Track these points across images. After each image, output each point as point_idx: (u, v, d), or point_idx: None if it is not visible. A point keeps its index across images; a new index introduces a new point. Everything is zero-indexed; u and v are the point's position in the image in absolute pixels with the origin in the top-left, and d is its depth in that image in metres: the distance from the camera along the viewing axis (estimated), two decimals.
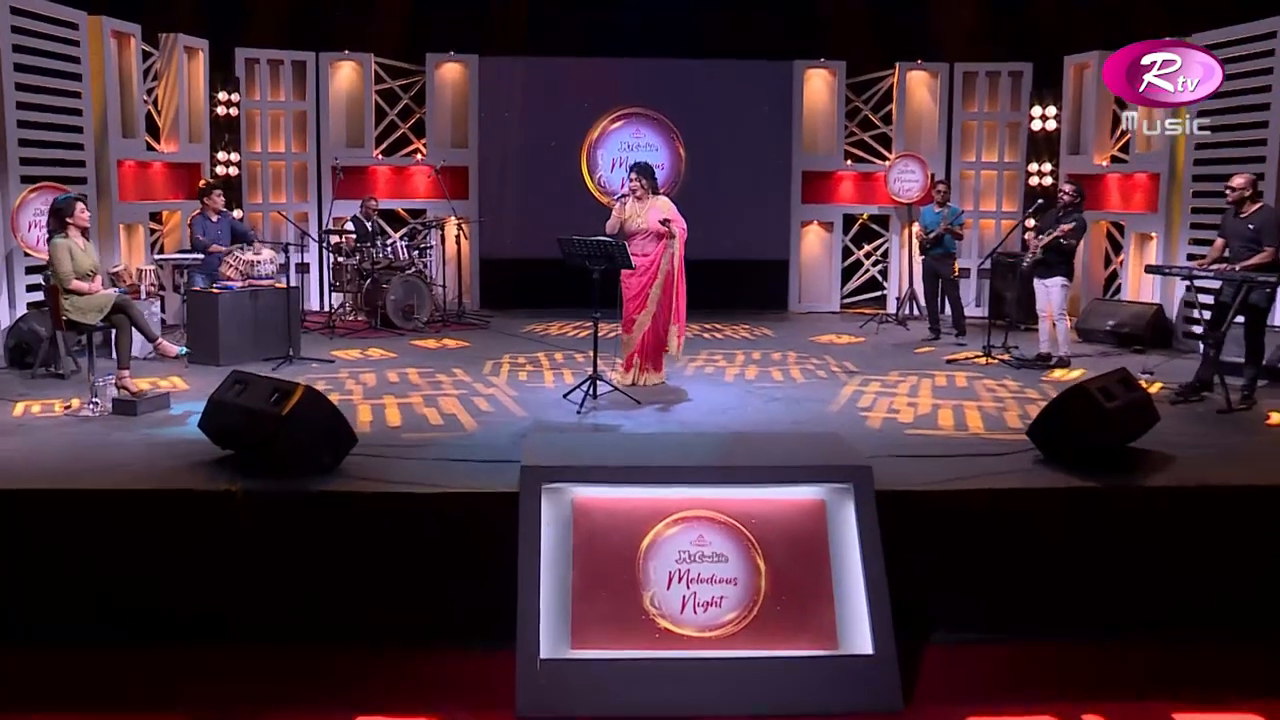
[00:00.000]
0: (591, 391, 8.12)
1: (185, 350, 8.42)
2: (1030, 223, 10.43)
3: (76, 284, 7.63)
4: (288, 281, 9.97)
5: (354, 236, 12.49)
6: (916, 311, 13.26)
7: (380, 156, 14.02)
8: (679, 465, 5.63)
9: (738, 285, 14.21)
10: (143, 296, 9.95)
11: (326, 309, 12.91)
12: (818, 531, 5.48)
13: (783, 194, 14.27)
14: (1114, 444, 6.38)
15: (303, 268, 13.59)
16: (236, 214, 12.98)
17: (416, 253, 12.63)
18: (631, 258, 8.51)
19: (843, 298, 14.66)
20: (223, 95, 12.70)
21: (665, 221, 8.46)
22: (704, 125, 14.15)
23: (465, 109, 14.08)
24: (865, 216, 14.68)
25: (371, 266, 12.14)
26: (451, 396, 8.34)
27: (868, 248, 14.67)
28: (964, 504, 5.82)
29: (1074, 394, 6.32)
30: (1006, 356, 10.20)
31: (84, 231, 7.80)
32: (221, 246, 10.07)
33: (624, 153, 14.23)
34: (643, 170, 8.72)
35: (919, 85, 14.13)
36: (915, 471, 6.18)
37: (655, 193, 8.79)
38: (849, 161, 14.39)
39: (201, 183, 10.26)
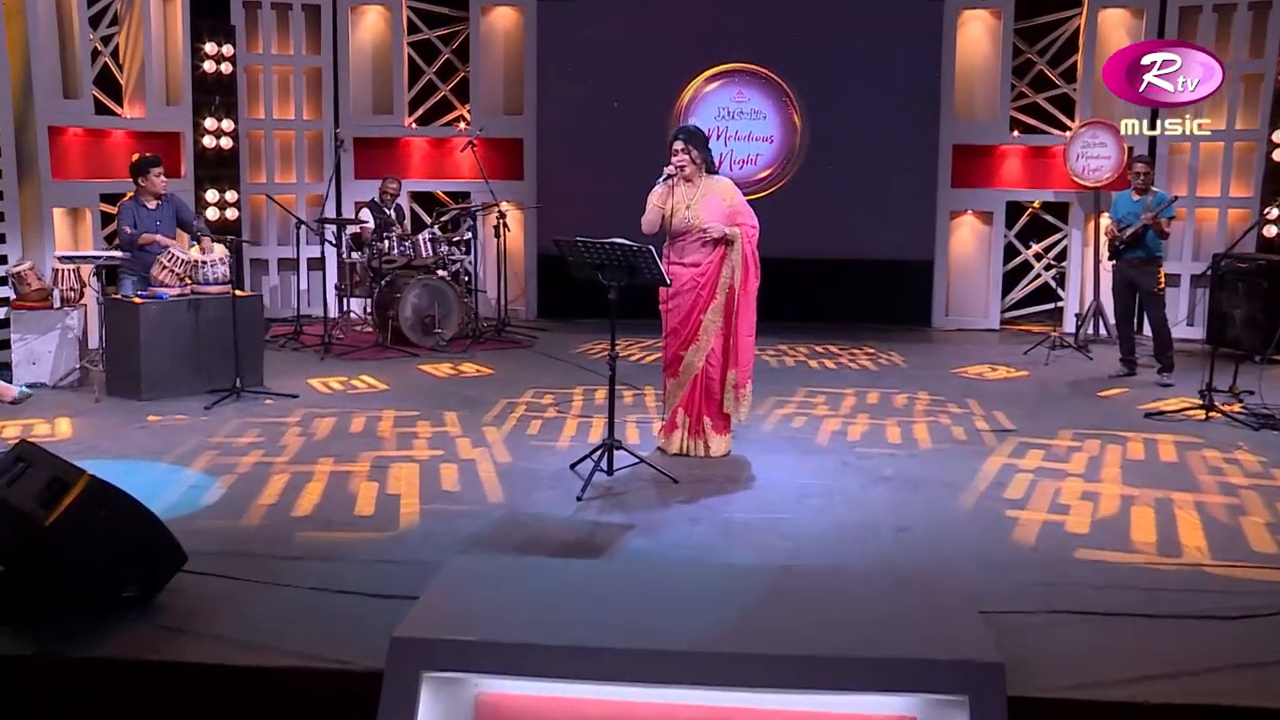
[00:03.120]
0: (605, 464, 6.07)
1: (26, 390, 6.72)
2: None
3: None
4: (233, 287, 8.12)
5: (370, 227, 10.71)
6: (1105, 332, 10.78)
7: (414, 126, 12.23)
8: (665, 649, 3.54)
9: (867, 293, 12.08)
10: (57, 305, 8.35)
11: (349, 317, 11.18)
12: None
13: (927, 175, 11.92)
14: None
15: (315, 265, 11.87)
16: (221, 197, 11.35)
17: (446, 248, 10.73)
18: (674, 269, 6.47)
19: (1004, 311, 12.23)
20: (211, 47, 11.06)
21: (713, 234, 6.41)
22: (826, 85, 11.91)
23: (519, 66, 12.16)
24: (1037, 205, 12.20)
25: (383, 265, 10.31)
26: (414, 464, 6.39)
27: (1037, 247, 12.05)
28: None
29: None
30: (1237, 407, 7.73)
31: None
32: (156, 238, 8.33)
33: (722, 121, 12.12)
34: (692, 137, 6.59)
35: (1115, 27, 11.55)
36: (1091, 649, 3.94)
37: (712, 170, 6.67)
38: (1016, 132, 11.94)
39: (135, 155, 8.53)
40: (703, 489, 5.95)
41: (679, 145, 6.56)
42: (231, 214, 11.45)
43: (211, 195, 11.24)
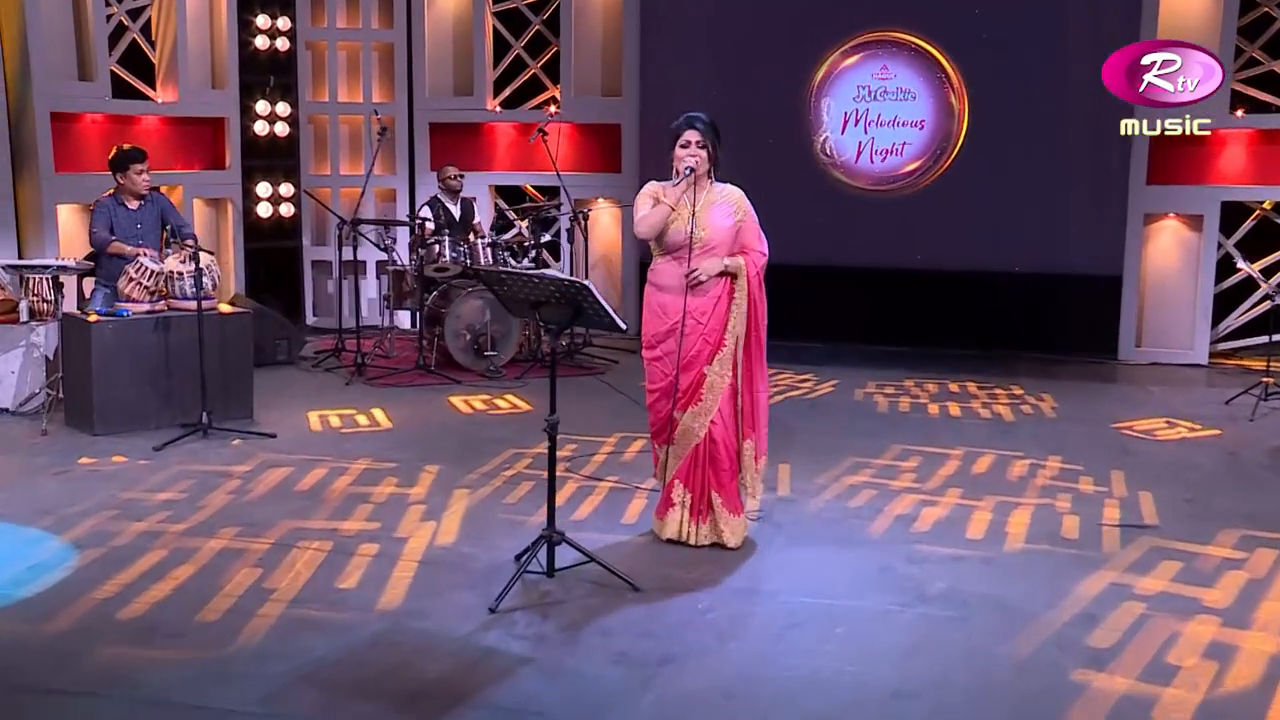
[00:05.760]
0: (541, 562, 4.94)
1: None
2: None
3: None
4: (198, 304, 7.27)
5: (430, 227, 9.84)
6: None
7: (498, 109, 11.32)
8: None
9: (1034, 316, 10.60)
10: (24, 318, 7.79)
11: (392, 334, 10.33)
12: None
13: (1117, 169, 10.22)
14: None
15: (386, 269, 11.13)
16: (275, 191, 10.72)
17: (508, 253, 9.72)
18: (663, 300, 5.34)
19: (1217, 341, 10.35)
20: (263, 20, 10.44)
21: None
22: (992, 57, 10.38)
23: (618, 40, 11.07)
24: (1268, 205, 10.28)
25: (427, 273, 9.39)
26: (328, 542, 5.40)
27: (1245, 266, 10.08)
28: None
29: None
30: None
31: None
32: (128, 246, 7.62)
33: (862, 103, 10.75)
34: (710, 129, 5.34)
35: None
36: None
37: (717, 168, 5.44)
38: (1240, 111, 10.13)
39: (115, 148, 7.82)
40: (663, 604, 4.71)
41: (694, 136, 5.32)
42: (286, 210, 10.85)
43: (263, 189, 10.67)
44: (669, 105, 10.83)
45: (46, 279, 7.76)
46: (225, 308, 7.80)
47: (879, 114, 10.70)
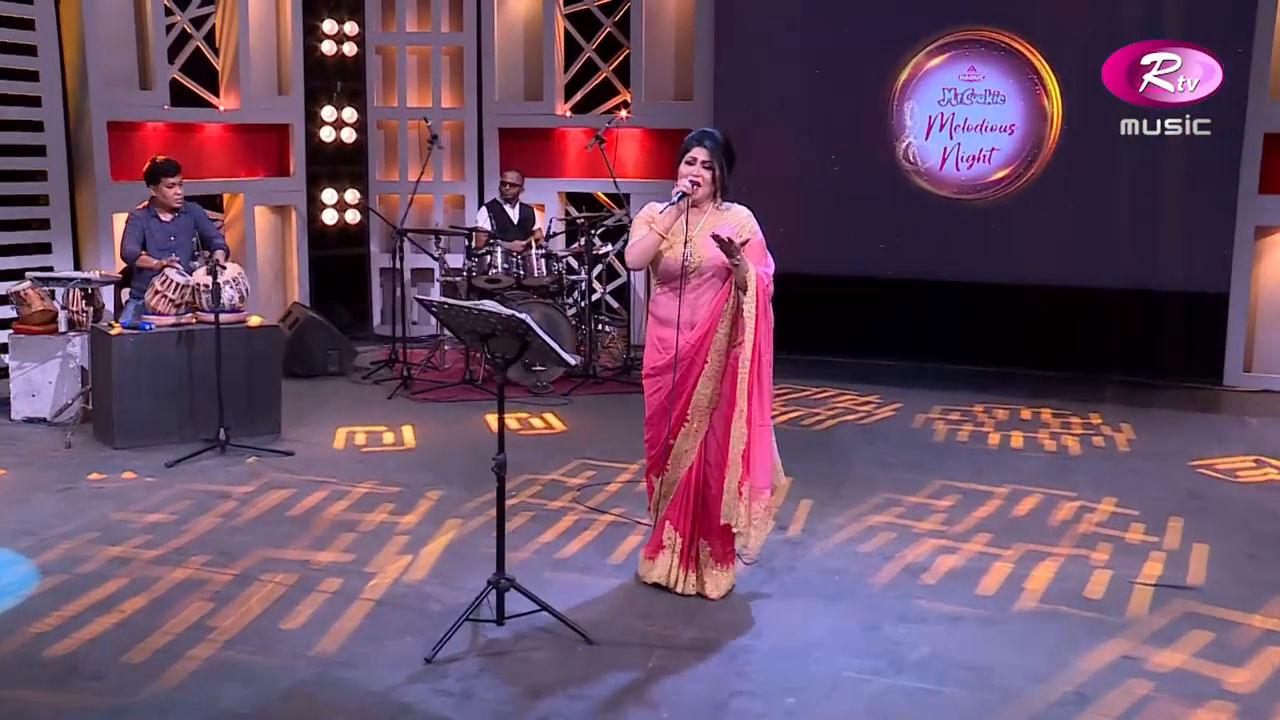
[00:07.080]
0: (490, 608, 4.67)
1: None
2: None
3: None
4: (216, 318, 7.18)
5: (487, 233, 9.68)
6: None
7: (569, 114, 11.08)
8: None
9: (1132, 334, 9.89)
10: (63, 329, 7.84)
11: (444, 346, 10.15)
12: None
13: (1224, 176, 9.45)
14: None
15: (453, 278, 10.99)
16: (340, 198, 10.66)
17: (559, 263, 9.47)
18: (663, 333, 4.99)
19: None
20: (330, 25, 10.41)
21: (723, 248, 4.74)
22: (1089, 56, 9.72)
23: (691, 42, 10.73)
24: None
25: (475, 283, 9.20)
26: (293, 575, 5.23)
27: None
28: None
29: None
30: None
31: None
32: (154, 259, 7.58)
33: (947, 106, 10.21)
34: (720, 148, 4.98)
35: None
36: None
37: (725, 193, 5.06)
38: None
39: (150, 159, 7.78)
40: (612, 661, 4.39)
41: (700, 154, 4.96)
42: (352, 216, 10.81)
43: (329, 195, 10.64)
44: (743, 109, 10.55)
45: (76, 290, 7.81)
46: (255, 320, 7.73)
47: (966, 118, 10.12)
